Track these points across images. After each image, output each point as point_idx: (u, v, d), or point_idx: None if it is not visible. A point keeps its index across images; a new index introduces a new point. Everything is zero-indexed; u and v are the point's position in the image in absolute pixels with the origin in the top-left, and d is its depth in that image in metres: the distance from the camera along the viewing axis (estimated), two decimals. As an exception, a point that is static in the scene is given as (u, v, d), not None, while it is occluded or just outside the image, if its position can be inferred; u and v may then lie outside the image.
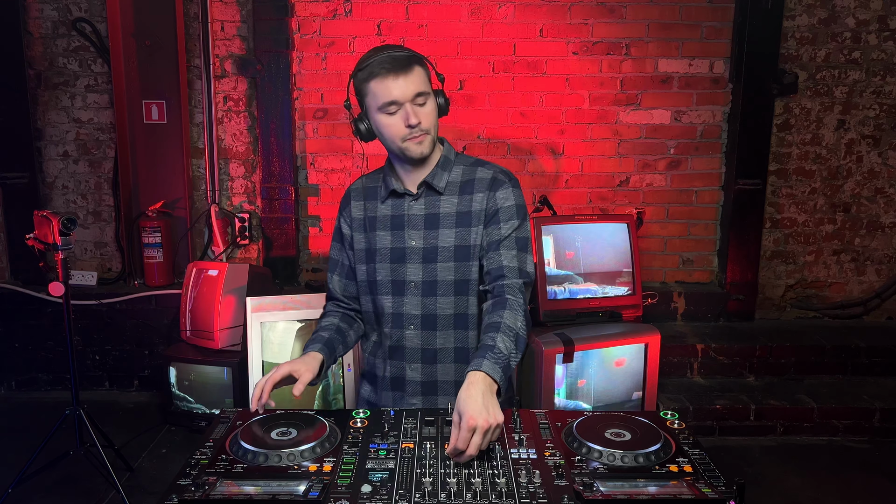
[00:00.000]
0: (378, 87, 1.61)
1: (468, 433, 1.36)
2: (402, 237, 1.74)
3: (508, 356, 1.54)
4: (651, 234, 4.06)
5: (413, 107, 1.62)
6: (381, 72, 1.60)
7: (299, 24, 3.82)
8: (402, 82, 1.60)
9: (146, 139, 3.92)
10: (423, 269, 1.72)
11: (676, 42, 3.88)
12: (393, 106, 1.62)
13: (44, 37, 3.88)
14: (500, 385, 1.48)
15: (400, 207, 1.76)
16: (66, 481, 2.97)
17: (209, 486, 1.27)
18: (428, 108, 1.65)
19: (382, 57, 1.60)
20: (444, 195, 1.73)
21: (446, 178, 1.74)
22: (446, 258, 1.72)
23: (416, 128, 1.63)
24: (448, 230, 1.72)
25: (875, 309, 4.17)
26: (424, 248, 1.72)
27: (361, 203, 1.81)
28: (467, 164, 1.77)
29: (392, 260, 1.74)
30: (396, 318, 1.75)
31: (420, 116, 1.63)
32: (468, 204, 1.72)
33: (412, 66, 1.61)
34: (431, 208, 1.73)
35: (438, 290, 1.72)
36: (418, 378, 1.76)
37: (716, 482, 1.30)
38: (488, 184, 1.73)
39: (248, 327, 3.16)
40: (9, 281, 3.99)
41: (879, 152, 4.02)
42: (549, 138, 3.96)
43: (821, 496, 2.99)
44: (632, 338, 3.23)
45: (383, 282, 1.75)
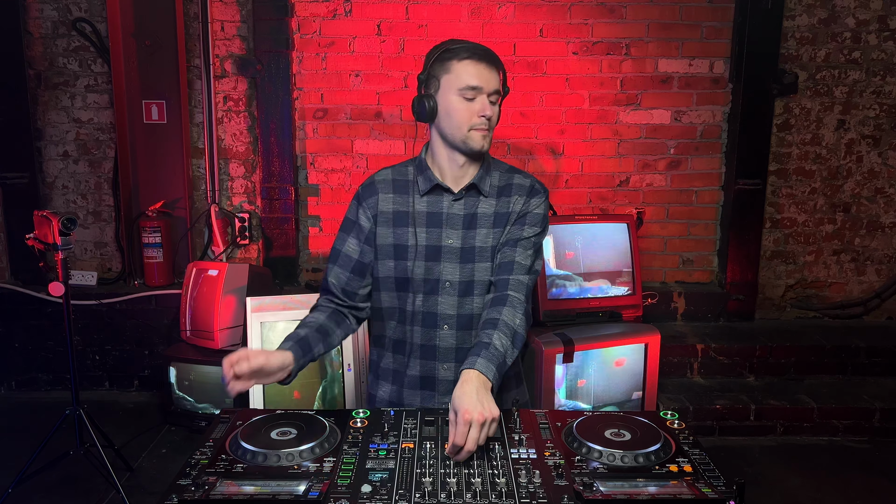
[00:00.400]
0: (465, 68, 1.63)
1: (465, 427, 1.36)
2: (438, 235, 1.72)
3: (504, 353, 1.55)
4: (651, 234, 4.06)
5: (489, 101, 1.66)
6: (472, 56, 1.63)
7: (299, 24, 3.82)
8: (489, 73, 1.64)
9: (146, 139, 3.92)
10: (460, 268, 1.72)
11: (676, 42, 3.88)
12: (473, 91, 1.64)
13: (44, 37, 3.88)
14: (493, 383, 1.49)
15: (438, 205, 1.74)
16: (66, 481, 2.97)
17: (209, 486, 1.27)
18: (496, 109, 1.69)
19: (475, 47, 1.65)
20: (486, 197, 1.75)
21: (489, 182, 1.76)
22: (484, 258, 1.72)
23: (487, 120, 1.66)
24: (486, 230, 1.73)
25: (875, 309, 4.17)
26: (462, 247, 1.72)
27: (391, 196, 1.76)
28: (503, 170, 1.80)
29: (427, 258, 1.72)
30: (428, 316, 1.73)
31: (492, 112, 1.67)
32: (506, 206, 1.74)
33: (499, 65, 1.67)
34: (471, 209, 1.74)
35: (475, 290, 1.72)
36: (451, 377, 1.74)
37: (716, 482, 1.30)
38: (527, 190, 1.76)
39: (248, 327, 3.16)
40: (9, 281, 3.99)
41: (879, 152, 4.02)
42: (549, 138, 3.96)
43: (821, 496, 2.99)
44: (632, 338, 3.23)
45: (416, 279, 1.72)
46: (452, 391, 1.73)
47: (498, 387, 1.53)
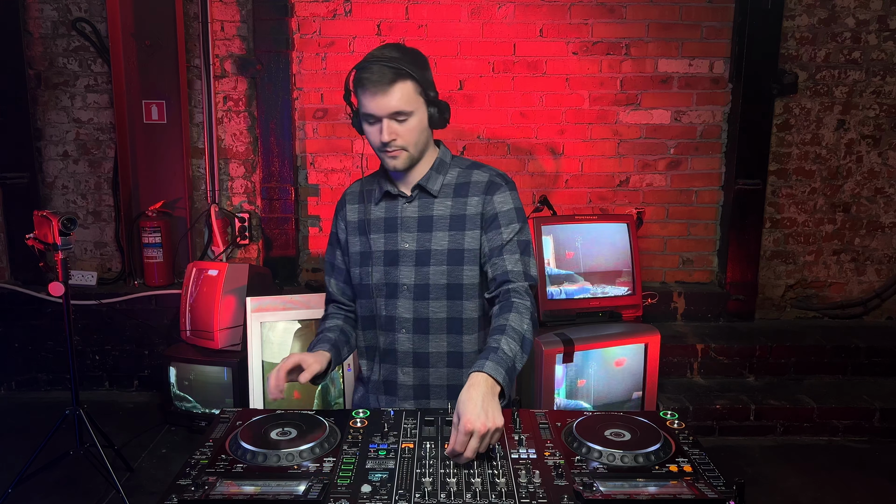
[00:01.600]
0: (361, 96, 1.63)
1: (465, 437, 1.34)
2: (395, 240, 1.73)
3: (513, 358, 1.53)
4: (651, 234, 4.06)
5: (390, 123, 1.62)
6: (365, 83, 1.60)
7: (299, 24, 3.82)
8: (381, 99, 1.59)
9: (146, 139, 3.92)
10: (416, 272, 1.71)
11: (676, 42, 3.88)
12: (371, 118, 1.63)
13: (44, 37, 3.88)
14: (503, 386, 1.46)
15: (393, 210, 1.75)
16: (66, 481, 2.97)
17: (209, 486, 1.27)
18: (409, 125, 1.63)
19: (371, 68, 1.60)
20: (437, 198, 1.72)
21: (441, 181, 1.73)
22: (439, 262, 1.71)
23: (388, 144, 1.63)
24: (441, 233, 1.71)
25: (875, 309, 4.17)
26: (417, 251, 1.71)
27: (356, 206, 1.81)
28: (463, 167, 1.76)
29: (385, 263, 1.73)
30: (389, 321, 1.74)
31: (397, 133, 1.63)
32: (462, 207, 1.71)
33: (395, 82, 1.58)
34: (425, 211, 1.73)
35: (431, 294, 1.71)
36: (410, 382, 1.76)
37: (716, 482, 1.30)
38: (484, 187, 1.71)
39: (248, 327, 3.16)
40: (9, 281, 3.99)
41: (879, 152, 4.02)
42: (549, 138, 3.96)
43: (821, 496, 2.99)
44: (632, 338, 3.23)
45: (377, 285, 1.74)
46: (412, 396, 1.74)
47: (509, 391, 1.52)
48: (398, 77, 1.59)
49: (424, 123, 1.67)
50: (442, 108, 1.69)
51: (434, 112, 1.67)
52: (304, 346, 3.20)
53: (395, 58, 1.61)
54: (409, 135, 1.64)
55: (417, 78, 1.62)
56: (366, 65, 1.61)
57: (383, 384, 1.79)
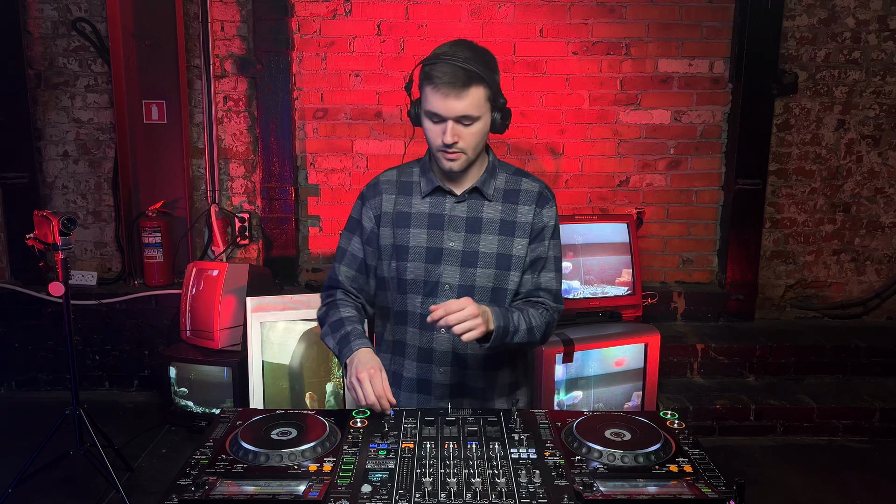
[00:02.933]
0: (430, 93, 1.59)
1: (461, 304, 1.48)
2: (439, 237, 1.71)
3: (517, 327, 1.62)
4: (651, 234, 4.06)
5: (455, 126, 1.59)
6: (436, 81, 1.56)
7: (299, 24, 3.82)
8: (451, 101, 1.56)
9: (146, 139, 3.92)
10: (461, 272, 1.70)
11: (676, 42, 3.87)
12: (436, 117, 1.60)
13: (44, 37, 3.88)
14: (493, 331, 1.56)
15: (440, 206, 1.73)
16: (66, 481, 2.97)
17: (209, 486, 1.27)
18: (474, 129, 1.62)
19: (445, 66, 1.55)
20: (490, 201, 1.73)
21: (493, 185, 1.74)
22: (487, 265, 1.70)
23: (451, 146, 1.61)
24: (491, 236, 1.71)
25: (875, 309, 4.17)
26: (464, 251, 1.70)
27: (394, 197, 1.75)
28: (509, 173, 1.78)
29: (427, 259, 1.71)
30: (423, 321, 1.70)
31: (460, 136, 1.60)
32: (513, 213, 1.72)
33: (469, 86, 1.56)
34: (475, 212, 1.72)
35: (476, 296, 1.69)
36: (447, 381, 1.75)
37: (716, 482, 1.30)
38: (535, 198, 1.74)
39: (248, 327, 3.16)
40: (9, 281, 3.99)
41: (879, 152, 4.02)
42: (549, 138, 3.95)
43: (821, 496, 2.99)
44: (632, 338, 3.23)
45: (414, 281, 1.71)
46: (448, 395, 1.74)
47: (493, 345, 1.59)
48: (471, 81, 1.56)
49: (487, 128, 1.66)
50: (505, 114, 1.67)
51: (497, 118, 1.66)
52: (306, 347, 3.21)
53: (469, 58, 1.57)
54: (472, 139, 1.63)
55: (489, 83, 1.60)
56: (438, 62, 1.56)
57: (417, 383, 1.77)
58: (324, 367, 3.24)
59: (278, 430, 1.47)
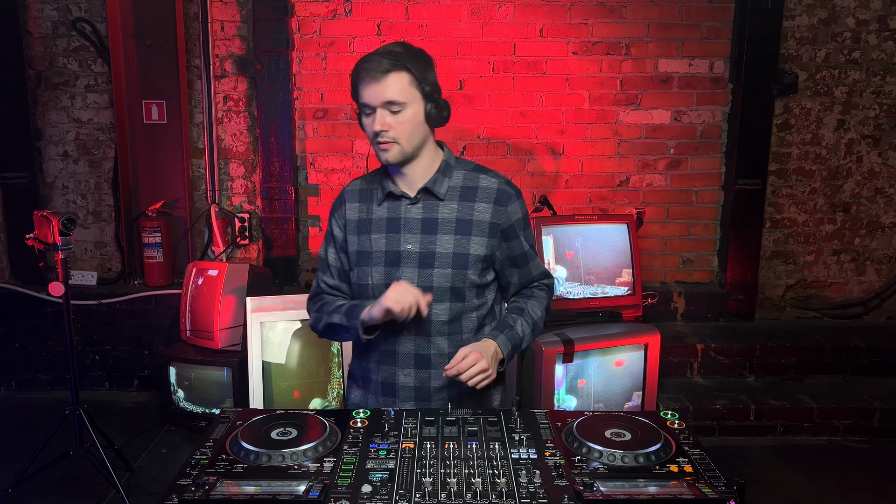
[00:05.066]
0: (359, 87, 1.65)
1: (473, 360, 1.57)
2: (397, 240, 1.73)
3: (522, 338, 1.73)
4: (651, 234, 4.06)
5: (383, 113, 1.62)
6: (361, 73, 1.63)
7: (299, 24, 3.82)
8: (375, 87, 1.61)
9: (146, 139, 3.92)
10: (419, 273, 1.71)
11: (676, 42, 3.87)
12: (367, 108, 1.64)
13: (44, 37, 3.88)
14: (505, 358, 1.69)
15: (396, 210, 1.74)
16: (66, 481, 2.97)
17: (209, 486, 1.27)
18: (403, 117, 1.64)
19: (369, 60, 1.63)
20: (444, 201, 1.72)
21: (447, 184, 1.73)
22: (444, 264, 1.71)
23: (380, 134, 1.64)
24: (447, 236, 1.71)
25: (875, 309, 4.17)
26: (421, 252, 1.71)
27: (357, 205, 1.80)
28: (468, 170, 1.77)
29: (387, 263, 1.73)
30: (390, 322, 1.72)
31: (389, 124, 1.63)
32: (469, 212, 1.72)
33: (389, 72, 1.61)
34: (430, 213, 1.72)
35: (434, 297, 1.70)
36: (411, 383, 1.75)
37: (716, 482, 1.30)
38: (494, 196, 1.73)
39: (248, 327, 3.16)
40: (9, 281, 3.99)
41: (879, 152, 4.02)
42: (549, 138, 3.95)
43: (821, 496, 2.99)
44: (632, 338, 3.23)
45: (377, 285, 1.73)
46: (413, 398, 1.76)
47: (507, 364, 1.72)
48: (393, 67, 1.61)
49: (420, 118, 1.67)
50: (441, 105, 1.69)
51: (431, 108, 1.68)
52: (304, 347, 3.21)
53: (394, 51, 1.64)
54: (402, 127, 1.64)
55: (413, 71, 1.63)
56: (365, 58, 1.64)
57: (382, 386, 1.78)
58: (324, 367, 3.24)
59: (278, 431, 1.48)
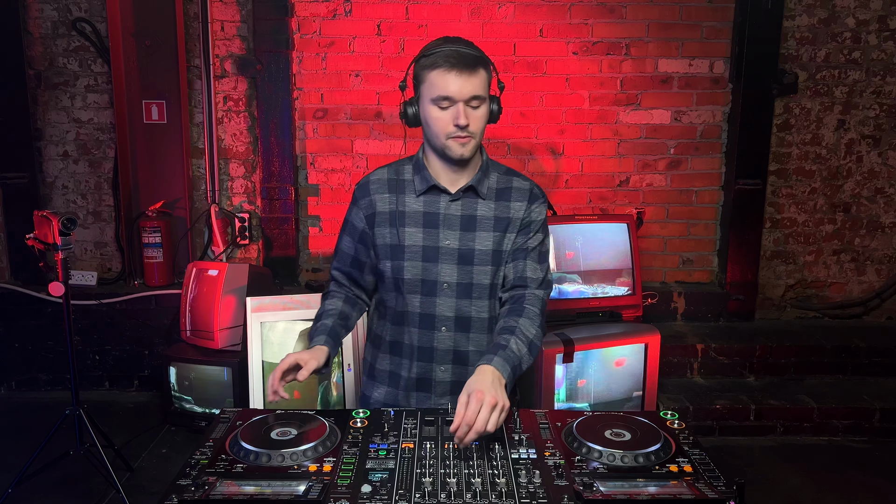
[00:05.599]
0: (437, 78, 1.59)
1: (477, 405, 1.38)
2: (435, 236, 1.72)
3: (520, 358, 1.59)
4: (651, 234, 4.06)
5: (466, 108, 1.61)
6: (444, 64, 1.58)
7: (299, 24, 3.82)
8: (462, 81, 1.59)
9: (146, 139, 3.92)
10: (459, 270, 1.71)
11: (676, 42, 3.88)
12: (446, 101, 1.61)
13: (44, 37, 3.88)
14: (507, 381, 1.51)
15: (434, 205, 1.73)
16: (66, 481, 2.97)
17: (209, 486, 1.27)
18: (480, 113, 1.64)
19: (450, 50, 1.59)
20: (484, 199, 1.73)
21: (487, 184, 1.75)
22: (484, 261, 1.71)
23: (463, 129, 1.62)
24: (486, 233, 1.72)
25: (875, 309, 4.17)
26: (460, 249, 1.71)
27: (386, 196, 1.75)
28: (501, 172, 1.79)
29: (424, 258, 1.72)
30: (426, 318, 1.73)
31: (470, 119, 1.62)
32: (506, 210, 1.74)
33: (477, 67, 1.60)
34: (469, 210, 1.73)
35: (474, 293, 1.72)
36: (448, 378, 1.75)
37: (716, 482, 1.30)
38: (527, 195, 1.76)
39: (248, 327, 3.16)
40: (9, 281, 3.99)
41: (879, 152, 4.02)
42: (549, 138, 3.95)
43: (821, 496, 2.99)
44: (632, 338, 3.23)
45: (412, 280, 1.72)
46: (450, 392, 1.74)
47: (511, 389, 1.54)
48: (479, 63, 1.61)
49: (487, 116, 1.68)
50: (499, 105, 1.72)
51: (495, 107, 1.70)
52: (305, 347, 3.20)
53: (470, 46, 1.63)
54: (479, 122, 1.65)
55: (491, 68, 1.66)
56: (443, 49, 1.60)
57: (416, 381, 1.77)
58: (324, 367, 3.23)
59: (278, 431, 1.48)
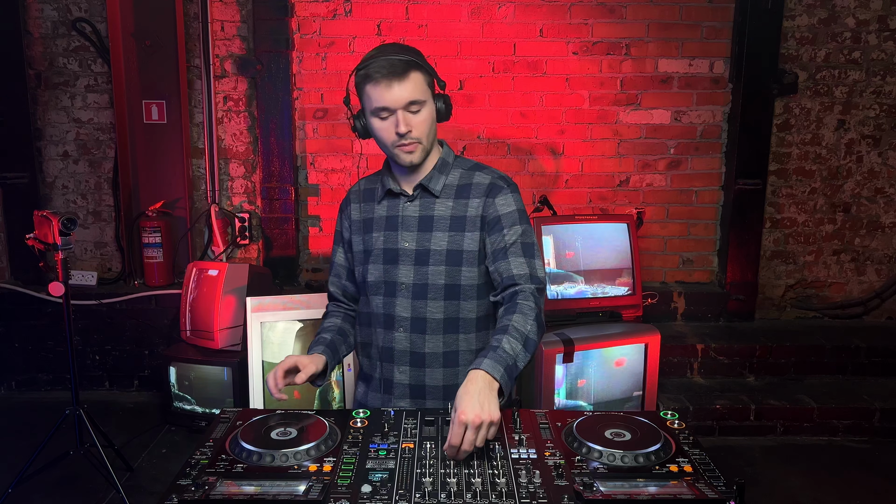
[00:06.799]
0: (372, 91, 1.61)
1: (460, 428, 1.35)
2: (395, 238, 1.73)
3: (514, 357, 1.52)
4: (651, 234, 4.06)
5: (405, 114, 1.61)
6: (375, 76, 1.59)
7: (299, 24, 3.82)
8: (396, 90, 1.59)
9: (146, 139, 3.92)
10: (415, 271, 1.71)
11: (676, 42, 3.88)
12: (385, 112, 1.62)
13: (44, 37, 3.88)
14: (500, 383, 1.45)
15: (395, 208, 1.75)
16: (66, 481, 2.97)
17: (209, 486, 1.27)
18: (422, 116, 1.64)
19: (380, 62, 1.59)
20: (439, 198, 1.72)
21: (443, 182, 1.73)
22: (438, 262, 1.70)
23: (405, 136, 1.62)
24: (441, 233, 1.71)
25: (875, 309, 4.17)
26: (417, 250, 1.71)
27: (359, 205, 1.82)
28: (465, 168, 1.76)
29: (385, 261, 1.74)
30: (387, 319, 1.74)
31: (412, 125, 1.62)
32: (463, 208, 1.71)
33: (408, 72, 1.60)
34: (426, 210, 1.73)
35: (429, 294, 1.71)
36: (406, 381, 1.75)
37: (716, 482, 1.30)
38: (485, 189, 1.71)
39: (248, 327, 3.16)
40: (9, 281, 3.99)
41: (879, 152, 4.02)
42: (549, 138, 3.95)
43: (821, 496, 2.99)
44: (632, 338, 3.23)
45: (376, 282, 1.75)
46: (408, 395, 1.74)
47: (509, 390, 1.51)
48: (410, 67, 1.60)
49: (434, 116, 1.68)
50: (447, 102, 1.71)
51: (441, 105, 1.70)
52: (305, 347, 3.20)
53: (401, 51, 1.63)
54: (422, 126, 1.65)
55: (425, 68, 1.64)
56: (374, 61, 1.61)
57: (381, 382, 1.79)
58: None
59: (278, 430, 1.48)
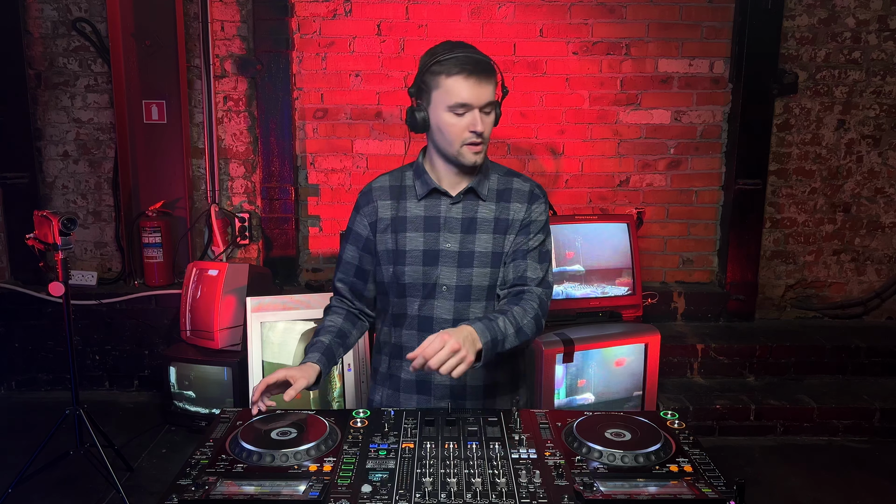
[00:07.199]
0: (454, 85, 1.58)
1: (440, 344, 1.39)
2: (436, 239, 1.71)
3: (504, 333, 1.56)
4: (651, 234, 4.06)
5: (481, 115, 1.61)
6: (461, 71, 1.57)
7: (299, 24, 3.82)
8: (480, 88, 1.59)
9: (146, 139, 3.92)
10: (458, 273, 1.71)
11: (676, 42, 3.88)
12: (462, 108, 1.60)
13: (44, 37, 3.88)
14: (482, 349, 1.49)
15: (435, 209, 1.73)
16: (66, 481, 2.97)
17: (209, 486, 1.27)
18: (491, 119, 1.65)
19: (465, 55, 1.58)
20: (484, 201, 1.73)
21: (487, 185, 1.74)
22: (483, 263, 1.71)
23: (480, 136, 1.62)
24: (486, 235, 1.71)
25: (875, 309, 4.17)
26: (460, 251, 1.71)
27: (388, 202, 1.76)
28: (501, 174, 1.79)
29: (424, 262, 1.71)
30: (425, 321, 1.72)
31: (484, 126, 1.62)
32: (506, 212, 1.73)
33: (492, 74, 1.61)
34: (469, 213, 1.72)
35: (472, 296, 1.71)
36: (448, 382, 1.74)
37: (716, 482, 1.30)
38: (527, 196, 1.75)
39: (248, 327, 3.16)
40: (9, 281, 3.99)
41: (879, 152, 4.02)
42: (549, 138, 3.95)
43: (821, 496, 2.99)
44: (632, 338, 3.23)
45: (413, 284, 1.72)
46: (449, 395, 1.74)
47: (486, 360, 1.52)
48: (492, 70, 1.61)
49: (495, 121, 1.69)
50: (500, 110, 1.71)
51: (499, 112, 1.69)
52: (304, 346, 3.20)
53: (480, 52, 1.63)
54: (490, 129, 1.66)
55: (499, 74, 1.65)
56: (460, 54, 1.58)
57: (416, 384, 1.77)
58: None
59: (278, 430, 1.48)
